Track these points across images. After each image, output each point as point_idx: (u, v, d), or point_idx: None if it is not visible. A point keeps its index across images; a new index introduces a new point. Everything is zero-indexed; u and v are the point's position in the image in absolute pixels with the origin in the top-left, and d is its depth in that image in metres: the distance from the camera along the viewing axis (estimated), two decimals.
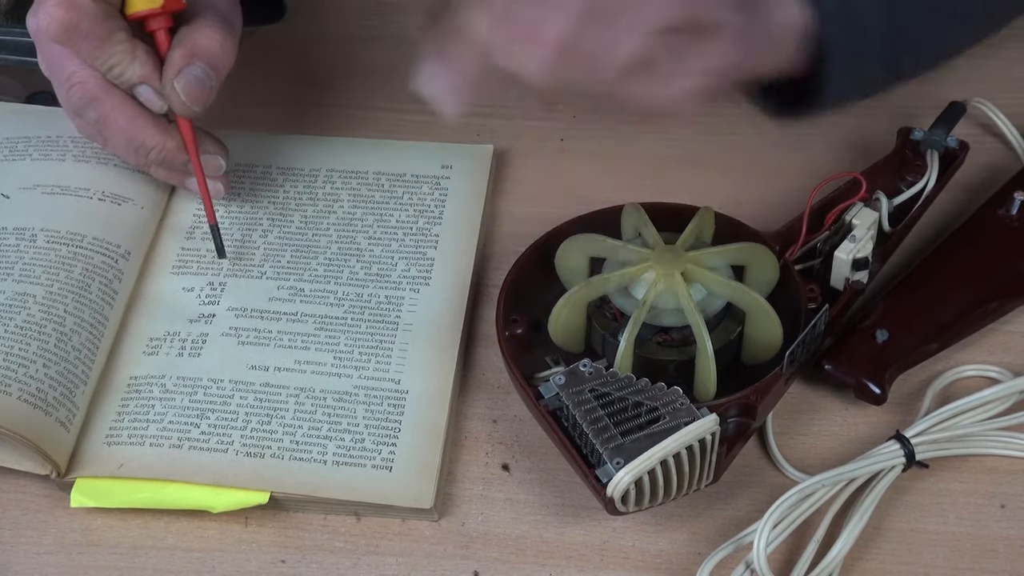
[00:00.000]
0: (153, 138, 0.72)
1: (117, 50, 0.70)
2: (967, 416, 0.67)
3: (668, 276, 0.66)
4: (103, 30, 0.69)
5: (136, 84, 0.71)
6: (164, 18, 0.71)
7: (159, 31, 0.71)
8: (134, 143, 0.73)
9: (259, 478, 0.65)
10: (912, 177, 0.76)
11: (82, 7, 0.68)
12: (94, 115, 0.72)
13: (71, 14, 0.68)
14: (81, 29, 0.68)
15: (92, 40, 0.69)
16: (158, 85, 0.71)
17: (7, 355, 0.67)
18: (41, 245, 0.73)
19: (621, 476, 0.59)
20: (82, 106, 0.72)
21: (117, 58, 0.70)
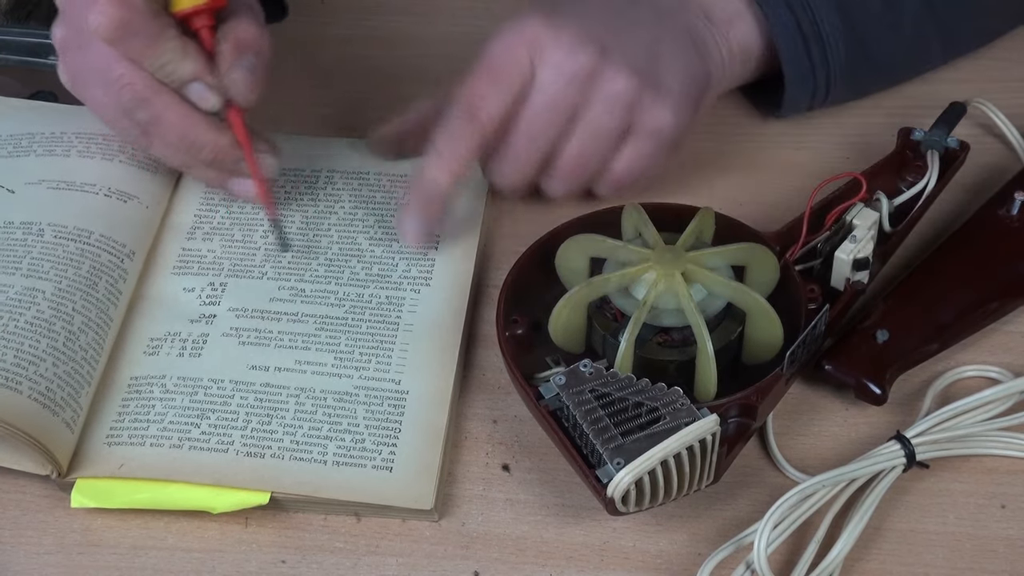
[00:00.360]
0: (206, 135, 0.72)
1: (168, 47, 0.69)
2: (967, 416, 0.67)
3: (668, 276, 0.66)
4: (155, 27, 0.69)
5: (188, 81, 0.70)
6: (208, 15, 0.71)
7: (203, 29, 0.71)
8: (186, 141, 0.72)
9: (259, 478, 0.65)
10: (912, 177, 0.76)
11: (134, 5, 0.68)
12: (144, 115, 0.71)
13: (124, 12, 0.68)
14: (134, 27, 0.68)
15: (144, 38, 0.69)
16: (211, 80, 0.71)
17: (18, 351, 0.67)
18: (49, 240, 0.73)
19: (621, 476, 0.59)
20: (133, 107, 0.71)
21: (169, 55, 0.69)
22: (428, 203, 0.73)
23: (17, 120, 0.81)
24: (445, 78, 0.80)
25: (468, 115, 0.71)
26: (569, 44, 0.71)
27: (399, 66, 0.89)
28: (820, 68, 0.78)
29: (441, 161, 0.72)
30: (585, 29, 0.72)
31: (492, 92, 0.71)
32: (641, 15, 0.74)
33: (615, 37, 0.72)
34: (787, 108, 0.80)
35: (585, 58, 0.71)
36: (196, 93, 0.71)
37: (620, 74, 0.72)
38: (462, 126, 0.71)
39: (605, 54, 0.71)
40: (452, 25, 0.92)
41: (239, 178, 0.74)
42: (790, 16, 0.76)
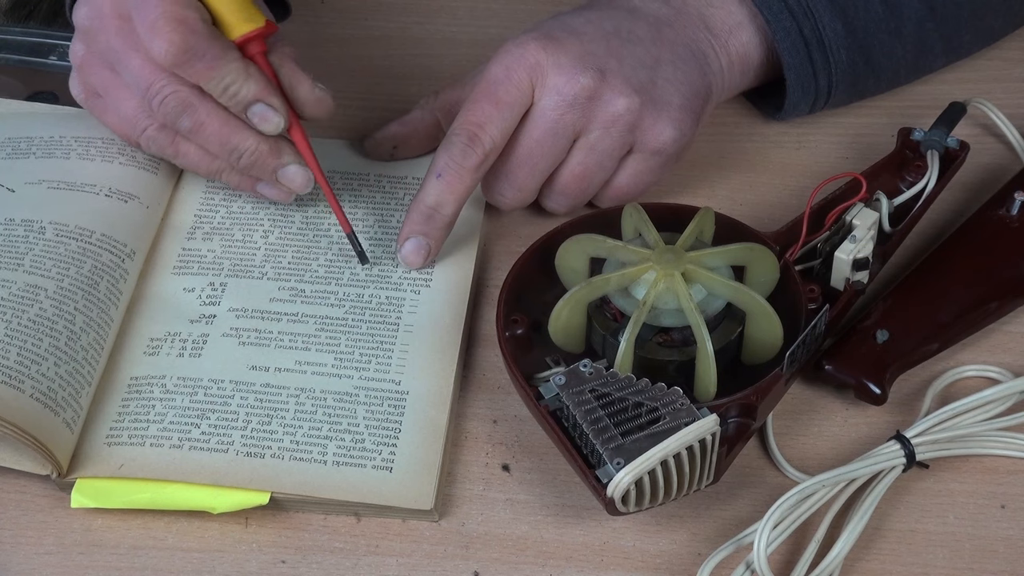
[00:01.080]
0: (248, 140, 0.72)
1: (232, 68, 0.70)
2: (967, 416, 0.67)
3: (668, 276, 0.66)
4: (217, 50, 0.69)
5: (251, 103, 0.71)
6: (260, 41, 0.72)
7: (258, 55, 0.72)
8: (227, 147, 0.72)
9: (259, 478, 0.65)
10: (912, 177, 0.76)
11: (197, 29, 0.69)
12: (188, 123, 0.72)
13: (188, 37, 0.68)
14: (198, 51, 0.69)
15: (208, 60, 0.69)
16: (274, 102, 0.71)
17: (21, 349, 0.67)
18: (50, 238, 0.73)
19: (621, 476, 0.59)
20: (176, 115, 0.72)
21: (232, 76, 0.70)
22: (427, 225, 0.73)
23: (15, 123, 0.81)
24: (444, 80, 0.81)
25: (469, 138, 0.71)
26: (569, 67, 0.71)
27: (399, 66, 0.89)
28: (822, 74, 0.78)
29: (442, 183, 0.72)
30: (584, 50, 0.72)
31: (493, 116, 0.71)
32: (640, 30, 0.74)
33: (614, 56, 0.72)
34: (788, 112, 0.80)
35: (586, 81, 0.71)
36: (259, 114, 0.71)
37: (621, 95, 0.72)
38: (463, 150, 0.71)
39: (605, 75, 0.72)
40: (452, 25, 0.92)
41: (265, 183, 0.75)
42: (792, 22, 0.76)
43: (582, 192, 0.75)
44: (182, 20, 0.68)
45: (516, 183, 0.74)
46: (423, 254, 0.73)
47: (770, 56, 0.78)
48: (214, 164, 0.74)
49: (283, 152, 0.73)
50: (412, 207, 0.73)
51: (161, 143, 0.74)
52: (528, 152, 0.73)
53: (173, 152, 0.75)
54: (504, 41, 0.73)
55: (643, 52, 0.73)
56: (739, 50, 0.77)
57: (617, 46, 0.73)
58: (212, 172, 0.75)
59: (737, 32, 0.77)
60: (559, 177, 0.75)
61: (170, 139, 0.74)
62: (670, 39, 0.75)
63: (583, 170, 0.74)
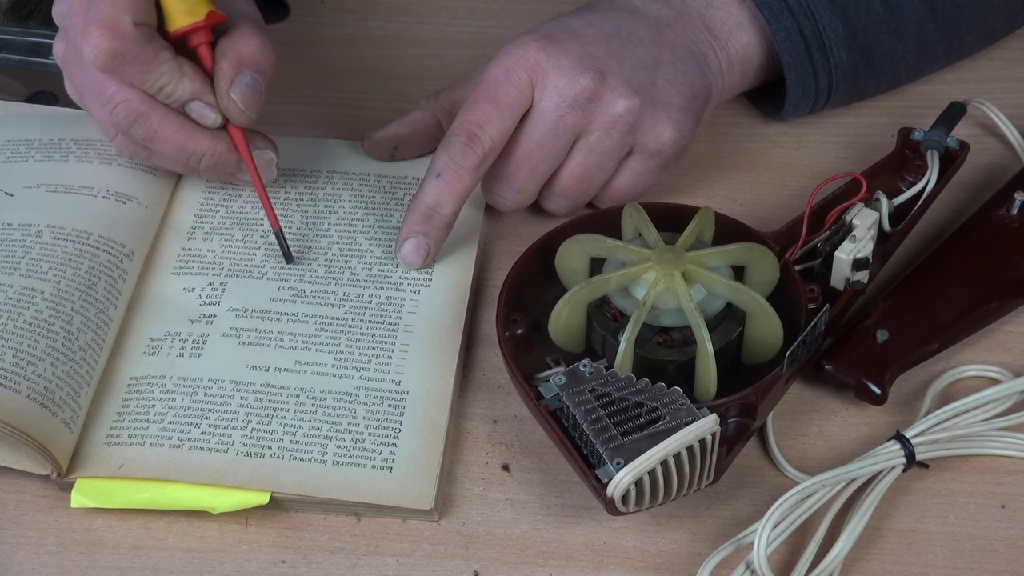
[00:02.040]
0: (203, 144, 0.73)
1: (164, 69, 0.70)
2: (967, 416, 0.67)
3: (668, 276, 0.66)
4: (148, 52, 0.70)
5: (187, 101, 0.71)
6: (205, 32, 0.71)
7: (201, 46, 0.71)
8: (185, 152, 0.73)
9: (259, 478, 0.65)
10: (912, 177, 0.76)
11: (125, 33, 0.69)
12: (141, 132, 0.72)
13: (116, 42, 0.69)
14: (128, 55, 0.69)
15: (138, 64, 0.70)
16: (210, 99, 0.71)
17: (16, 351, 0.67)
18: (47, 241, 0.73)
19: (621, 476, 0.59)
20: (128, 124, 0.72)
21: (166, 77, 0.70)
22: (427, 225, 0.73)
23: (15, 126, 0.81)
24: (444, 80, 0.81)
25: (469, 138, 0.71)
26: (570, 68, 0.71)
27: (399, 66, 0.89)
28: (822, 74, 0.78)
29: (441, 183, 0.72)
30: (585, 52, 0.72)
31: (493, 117, 0.71)
32: (640, 31, 0.74)
33: (615, 58, 0.72)
34: (788, 113, 0.80)
35: (586, 82, 0.71)
36: (196, 112, 0.72)
37: (620, 96, 0.72)
38: (463, 150, 0.71)
39: (605, 77, 0.72)
40: (452, 25, 0.92)
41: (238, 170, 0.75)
42: (793, 23, 0.76)
43: (582, 193, 0.75)
44: (111, 24, 0.68)
45: (516, 184, 0.74)
46: (422, 254, 0.73)
47: (770, 57, 0.78)
48: (180, 167, 0.75)
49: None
50: (411, 207, 0.73)
51: (131, 149, 0.75)
52: (528, 153, 0.73)
53: (146, 156, 0.75)
54: (504, 41, 0.73)
55: (643, 53, 0.73)
56: (739, 51, 0.77)
57: (617, 47, 0.73)
58: (183, 170, 0.76)
59: (737, 33, 0.77)
60: (559, 178, 0.75)
61: (136, 146, 0.74)
62: (670, 40, 0.75)
63: (583, 171, 0.74)
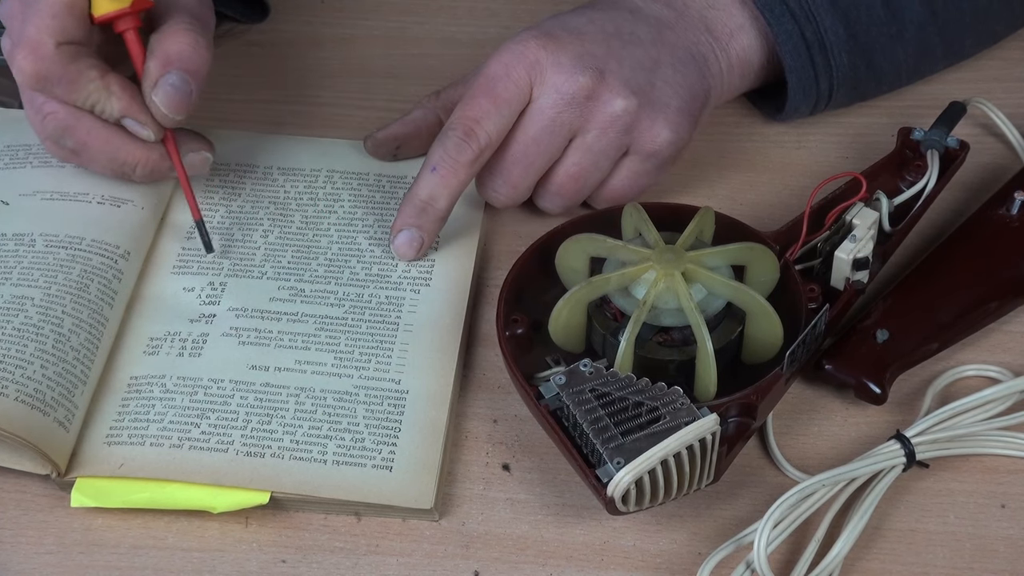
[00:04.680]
0: (135, 154, 0.73)
1: (91, 88, 0.70)
2: (967, 416, 0.67)
3: (668, 276, 0.66)
4: (72, 72, 0.70)
5: (119, 118, 0.71)
6: (132, 18, 0.71)
7: (128, 32, 0.71)
8: (116, 162, 0.73)
9: (259, 478, 0.65)
10: (912, 177, 0.76)
11: (47, 55, 0.69)
12: (71, 142, 0.72)
13: (38, 65, 0.69)
14: (52, 76, 0.69)
15: (64, 84, 0.70)
16: (141, 116, 0.71)
17: (4, 357, 0.67)
18: (40, 249, 0.73)
19: (621, 476, 0.59)
20: (58, 135, 0.72)
21: (94, 96, 0.70)
22: (420, 218, 0.73)
23: (14, 131, 0.81)
24: (444, 80, 0.81)
25: (465, 133, 0.71)
26: (569, 66, 0.71)
27: (399, 66, 0.89)
28: (823, 77, 0.78)
29: (436, 177, 0.72)
30: (584, 50, 0.72)
31: (490, 112, 0.71)
32: (640, 31, 0.74)
33: (614, 58, 0.72)
34: (788, 114, 0.80)
35: (584, 80, 0.71)
36: (131, 128, 0.72)
37: (618, 96, 0.72)
38: (459, 144, 0.71)
39: (604, 76, 0.72)
40: (452, 25, 0.92)
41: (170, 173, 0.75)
42: (794, 26, 0.76)
43: (577, 192, 0.75)
44: (34, 47, 0.69)
45: (511, 180, 0.74)
46: (415, 246, 0.74)
47: (771, 59, 0.78)
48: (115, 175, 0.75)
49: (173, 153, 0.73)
50: (406, 199, 0.73)
51: (61, 155, 0.75)
52: (524, 149, 0.73)
53: (75, 162, 0.75)
54: (504, 41, 0.73)
55: (643, 54, 0.73)
56: (740, 53, 0.77)
57: (617, 47, 0.73)
58: (115, 177, 0.75)
59: (738, 35, 0.77)
60: (554, 176, 0.74)
61: (66, 152, 0.74)
62: (671, 41, 0.75)
63: (578, 170, 0.74)
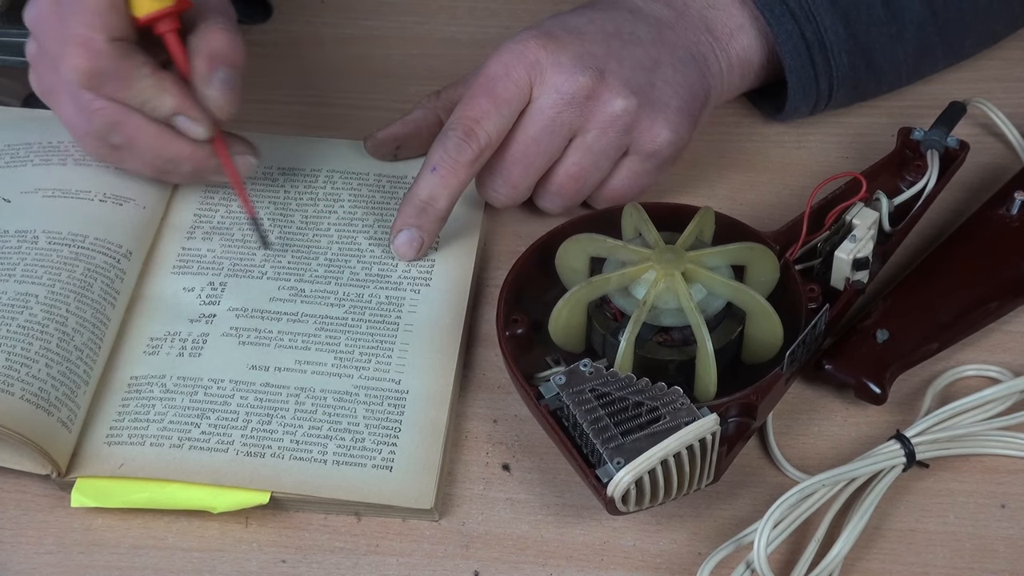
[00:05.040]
0: (184, 150, 0.73)
1: (144, 84, 0.70)
2: (967, 416, 0.67)
3: (668, 276, 0.66)
4: (126, 68, 0.69)
5: (170, 116, 0.71)
6: (173, 19, 0.71)
7: (168, 33, 0.71)
8: (162, 159, 0.73)
9: (259, 478, 0.65)
10: (912, 177, 0.76)
11: (100, 52, 0.69)
12: (119, 139, 0.72)
13: (92, 61, 0.69)
14: (106, 73, 0.69)
15: (117, 80, 0.69)
16: (194, 112, 0.71)
17: (9, 355, 0.67)
18: (43, 247, 0.73)
19: (621, 476, 0.59)
20: (106, 131, 0.72)
21: (147, 93, 0.70)
22: (420, 218, 0.73)
23: (15, 130, 0.82)
24: (444, 80, 0.81)
25: (465, 133, 0.71)
26: (569, 66, 0.71)
27: (399, 66, 0.89)
28: (823, 77, 0.78)
29: (436, 177, 0.72)
30: (584, 50, 0.72)
31: (490, 112, 0.71)
32: (640, 31, 0.74)
33: (614, 57, 0.72)
34: (788, 114, 0.80)
35: (584, 80, 0.71)
36: (182, 126, 0.72)
37: (618, 96, 0.72)
38: (459, 144, 0.71)
39: (604, 76, 0.72)
40: (452, 25, 0.92)
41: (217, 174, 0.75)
42: (794, 26, 0.76)
43: (577, 192, 0.75)
44: (86, 43, 0.68)
45: (510, 180, 0.74)
46: (415, 246, 0.74)
47: (771, 58, 0.78)
48: (155, 173, 0.75)
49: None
50: (406, 199, 0.73)
51: (101, 152, 0.75)
52: (524, 149, 0.73)
53: (114, 160, 0.75)
54: (504, 40, 0.73)
55: (643, 54, 0.73)
56: (740, 53, 0.77)
57: (617, 47, 0.73)
58: (156, 176, 0.75)
59: (738, 35, 0.77)
60: (554, 176, 0.74)
61: (108, 149, 0.74)
62: (671, 41, 0.75)
63: (578, 170, 0.74)
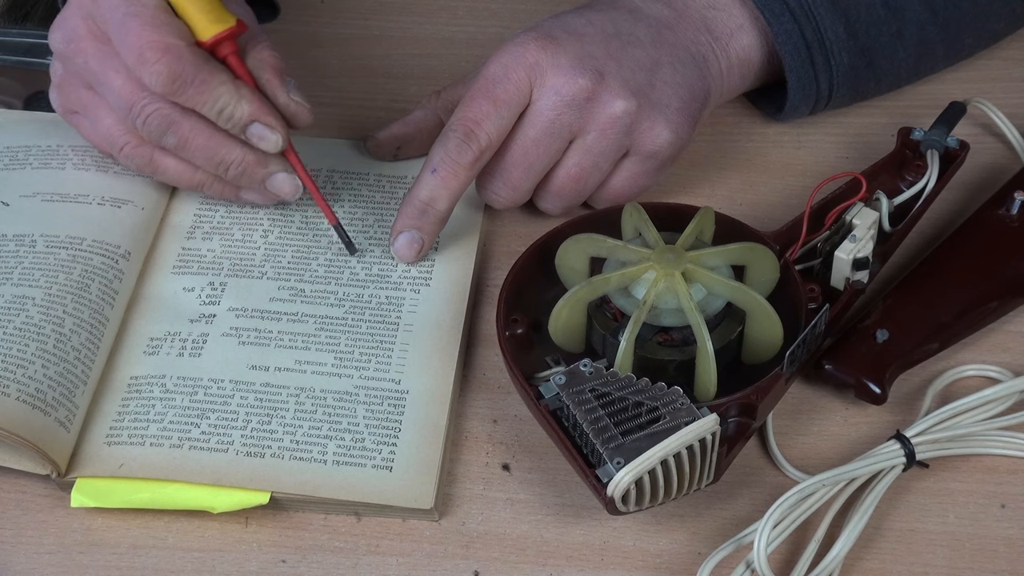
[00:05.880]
0: (235, 152, 0.72)
1: (223, 91, 0.70)
2: (967, 416, 0.67)
3: (668, 276, 0.66)
4: (206, 73, 0.70)
5: (247, 123, 0.71)
6: (232, 41, 0.71)
7: (230, 56, 0.71)
8: (215, 159, 0.73)
9: (259, 478, 0.65)
10: (912, 177, 0.76)
11: (183, 55, 0.69)
12: (174, 140, 0.72)
13: (175, 65, 0.69)
14: (187, 77, 0.69)
15: (197, 86, 0.70)
16: (270, 120, 0.71)
17: (5, 356, 0.68)
18: (40, 250, 0.73)
19: (621, 476, 0.59)
20: (161, 132, 0.72)
21: (225, 99, 0.70)
22: (421, 219, 0.73)
23: (15, 132, 0.82)
24: (444, 80, 0.81)
25: (465, 135, 0.71)
26: (568, 68, 0.71)
27: (399, 66, 0.89)
28: (823, 77, 0.78)
29: (436, 179, 0.72)
30: (584, 52, 0.72)
31: (490, 113, 0.71)
32: (640, 32, 0.74)
33: (614, 59, 0.72)
34: (788, 114, 0.80)
35: (584, 82, 0.71)
36: (256, 134, 0.71)
37: (618, 97, 0.72)
38: (459, 146, 0.71)
39: (603, 77, 0.72)
40: (452, 25, 0.92)
41: (250, 190, 0.75)
42: (794, 25, 0.76)
43: (577, 194, 0.75)
44: (167, 48, 0.69)
45: (511, 182, 0.74)
46: (416, 248, 0.74)
47: (771, 58, 0.78)
48: (196, 177, 0.75)
49: (270, 161, 0.73)
50: (406, 201, 0.73)
51: (140, 159, 0.75)
52: (524, 151, 0.73)
53: (152, 169, 0.75)
54: (504, 41, 0.73)
55: (642, 55, 0.73)
56: (740, 53, 0.77)
57: (617, 48, 0.73)
58: (194, 185, 0.75)
59: (738, 35, 0.77)
60: (554, 178, 0.74)
61: (149, 155, 0.74)
62: (670, 42, 0.75)
63: (578, 171, 0.74)
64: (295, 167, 0.74)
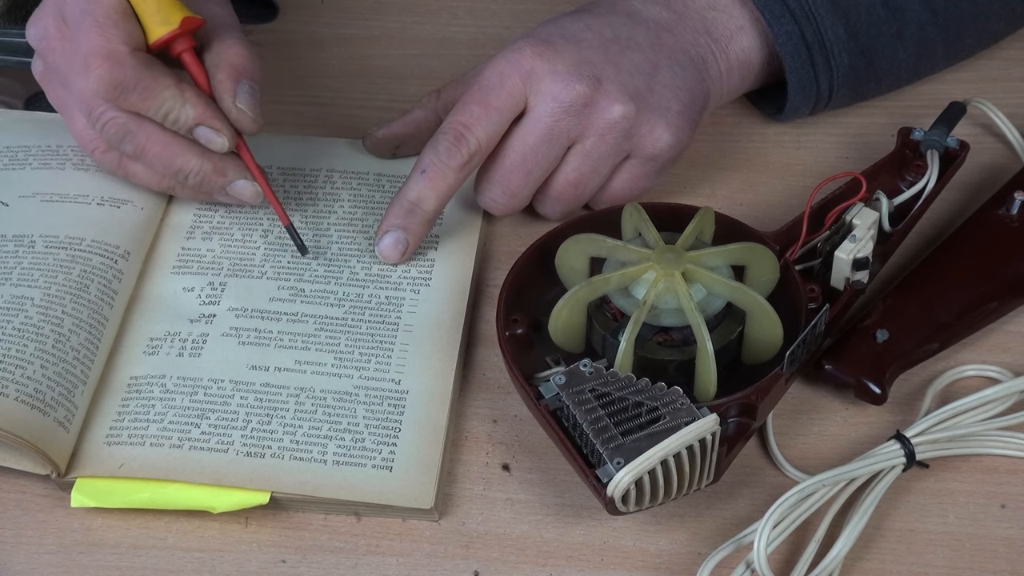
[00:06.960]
0: (192, 162, 0.73)
1: (167, 95, 0.70)
2: (967, 416, 0.67)
3: (668, 276, 0.66)
4: (148, 79, 0.70)
5: (193, 126, 0.71)
6: (186, 39, 0.71)
7: (184, 53, 0.71)
8: (172, 168, 0.73)
9: (259, 478, 0.65)
10: (912, 177, 0.76)
11: (124, 62, 0.69)
12: (131, 147, 0.72)
13: (116, 72, 0.69)
14: (128, 83, 0.69)
15: (140, 91, 0.70)
16: (215, 123, 0.71)
17: (4, 357, 0.68)
18: (40, 250, 0.73)
19: (621, 476, 0.59)
20: (118, 140, 0.72)
21: (169, 104, 0.70)
22: (407, 219, 0.73)
23: (15, 132, 0.82)
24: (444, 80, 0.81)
25: (455, 138, 0.72)
26: (565, 74, 0.71)
27: (399, 66, 0.89)
28: (823, 77, 0.78)
29: (425, 180, 0.72)
30: (581, 57, 0.72)
31: (481, 118, 0.71)
32: (638, 35, 0.74)
33: (611, 63, 0.72)
34: (788, 115, 0.80)
35: (581, 88, 0.71)
36: (203, 137, 0.71)
37: (616, 102, 0.72)
38: (448, 148, 0.72)
39: (601, 82, 0.72)
40: (452, 25, 0.92)
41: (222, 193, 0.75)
42: (794, 26, 0.75)
43: (576, 198, 0.75)
44: (108, 55, 0.69)
45: (509, 189, 0.74)
46: (400, 249, 0.74)
47: (771, 59, 0.78)
48: (164, 182, 0.75)
49: (227, 170, 0.73)
50: (394, 201, 0.73)
51: (110, 164, 0.75)
52: (522, 158, 0.73)
53: (123, 173, 0.75)
54: (504, 41, 0.73)
55: (641, 58, 0.73)
56: (740, 55, 0.77)
57: (615, 53, 0.73)
58: (163, 189, 0.76)
59: (738, 36, 0.77)
60: (553, 183, 0.74)
61: (118, 160, 0.74)
62: (669, 44, 0.75)
63: (578, 176, 0.74)
64: (249, 167, 0.73)
